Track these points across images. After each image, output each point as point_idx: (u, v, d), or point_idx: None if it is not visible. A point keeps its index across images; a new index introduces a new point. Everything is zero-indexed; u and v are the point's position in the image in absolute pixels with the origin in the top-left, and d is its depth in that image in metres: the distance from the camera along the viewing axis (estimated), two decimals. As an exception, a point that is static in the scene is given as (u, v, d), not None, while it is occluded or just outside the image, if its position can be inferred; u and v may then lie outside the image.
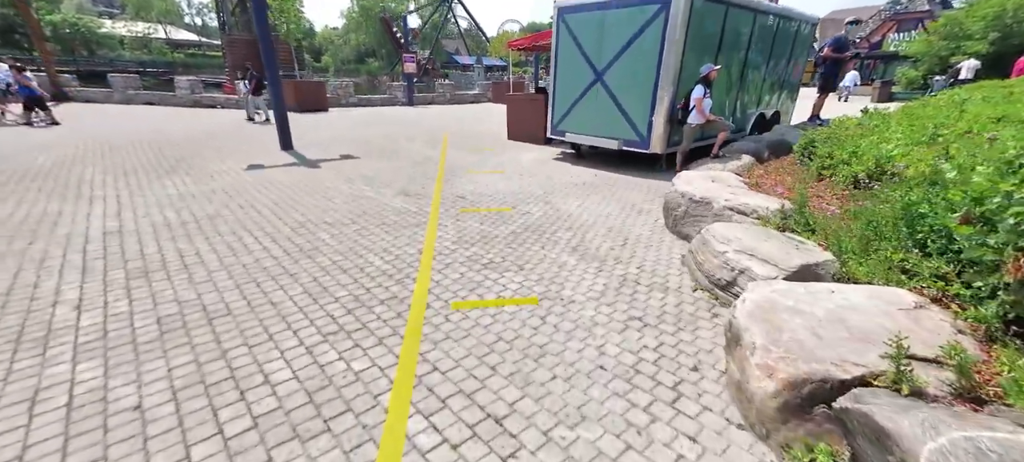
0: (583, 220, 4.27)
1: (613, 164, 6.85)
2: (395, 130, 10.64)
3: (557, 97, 7.00)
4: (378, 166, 6.63)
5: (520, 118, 9.19)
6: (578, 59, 6.40)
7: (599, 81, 6.22)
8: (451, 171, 6.37)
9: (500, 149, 8.30)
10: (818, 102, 7.35)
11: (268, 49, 7.07)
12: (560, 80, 6.84)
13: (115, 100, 15.48)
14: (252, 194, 4.96)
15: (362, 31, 64.25)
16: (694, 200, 3.55)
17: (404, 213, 4.43)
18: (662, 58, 5.44)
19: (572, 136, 6.88)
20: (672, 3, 5.15)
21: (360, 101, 18.30)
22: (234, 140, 8.67)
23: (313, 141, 8.76)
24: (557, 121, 7.12)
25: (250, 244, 3.51)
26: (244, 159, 6.86)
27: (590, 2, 5.97)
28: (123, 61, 42.38)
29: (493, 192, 5.26)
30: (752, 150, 5.86)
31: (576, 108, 6.70)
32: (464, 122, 12.58)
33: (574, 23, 6.30)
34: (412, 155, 7.54)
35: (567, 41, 6.49)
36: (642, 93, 5.76)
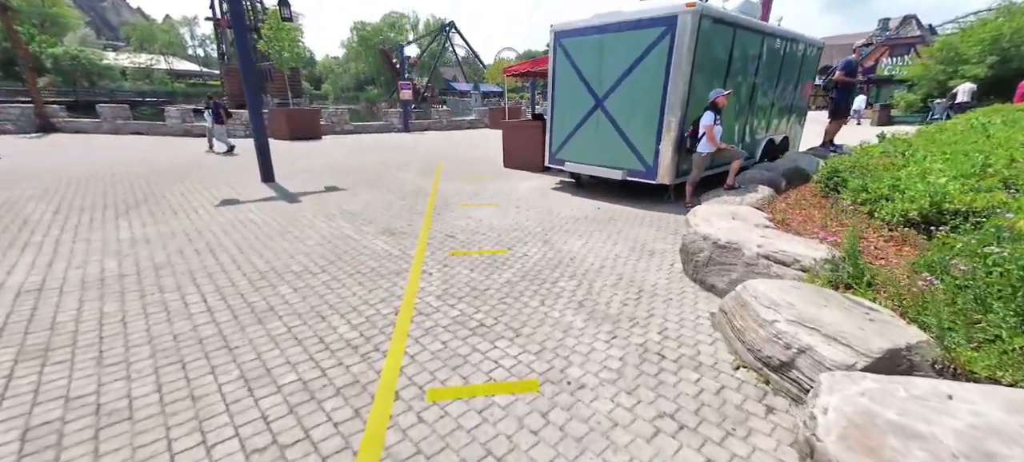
0: (588, 264, 3.72)
1: (616, 195, 6.38)
2: (388, 158, 10.23)
3: (555, 124, 6.59)
4: (364, 199, 6.13)
5: (517, 145, 8.79)
6: (577, 85, 6.02)
7: (599, 107, 5.82)
8: (442, 204, 5.87)
9: (496, 178, 7.85)
10: (832, 128, 6.98)
11: (249, 76, 6.69)
12: (558, 107, 6.44)
13: (104, 130, 15.15)
14: (216, 236, 4.41)
15: (361, 60, 65.50)
16: (720, 245, 3.02)
17: (385, 257, 3.88)
18: (668, 83, 5.03)
19: (572, 165, 6.42)
20: (678, 24, 4.78)
21: (356, 128, 18.07)
22: (214, 172, 8.20)
23: (299, 171, 8.30)
24: (556, 149, 6.69)
25: (193, 304, 2.94)
26: (219, 193, 6.36)
27: (588, 25, 5.63)
28: (123, 91, 42.67)
29: (487, 229, 4.74)
30: (768, 180, 5.39)
31: (576, 136, 6.27)
32: (460, 149, 12.22)
33: (572, 47, 5.95)
34: (402, 186, 7.06)
35: (565, 66, 6.13)
36: (647, 120, 5.34)
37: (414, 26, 68.16)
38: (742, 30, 5.51)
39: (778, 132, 7.36)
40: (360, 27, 64.54)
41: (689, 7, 4.67)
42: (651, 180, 5.52)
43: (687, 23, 4.74)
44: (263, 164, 7.16)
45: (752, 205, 4.44)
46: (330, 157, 10.35)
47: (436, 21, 63.06)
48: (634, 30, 5.16)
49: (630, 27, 5.19)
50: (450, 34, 52.28)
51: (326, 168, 8.75)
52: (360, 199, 6.16)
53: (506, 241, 4.35)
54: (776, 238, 3.00)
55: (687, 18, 4.73)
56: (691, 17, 4.71)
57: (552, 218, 5.17)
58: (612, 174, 5.85)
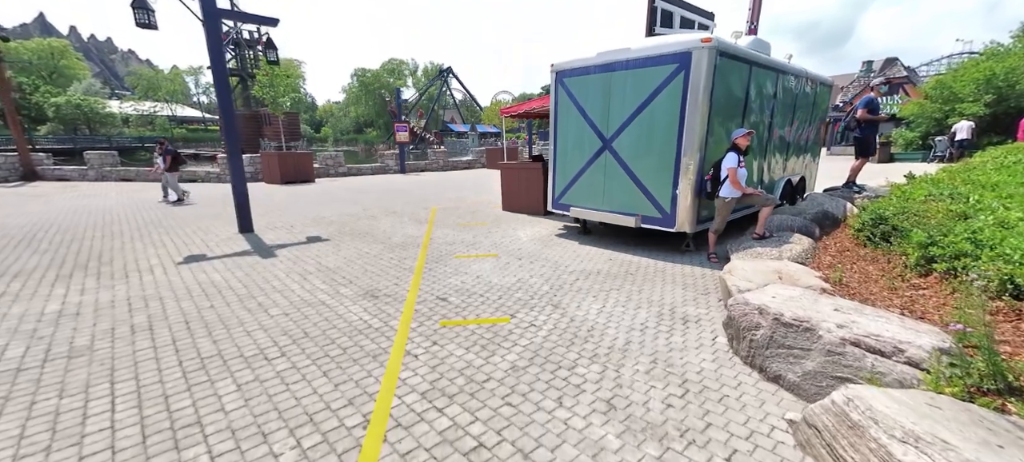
0: (611, 339, 3.04)
1: (628, 243, 5.77)
2: (380, 202, 9.70)
3: (558, 167, 6.09)
4: (348, 252, 5.49)
5: (516, 188, 8.30)
6: (581, 125, 5.58)
7: (607, 149, 5.34)
8: (435, 256, 5.24)
9: (494, 224, 7.27)
10: (857, 166, 6.55)
11: (228, 120, 6.24)
12: (561, 148, 5.98)
13: (90, 177, 14.70)
14: (164, 305, 3.72)
15: (361, 104, 67.28)
16: (784, 323, 2.37)
17: (362, 332, 3.19)
18: (684, 123, 4.57)
19: (578, 211, 5.86)
20: (693, 61, 4.38)
21: (350, 170, 17.75)
22: (189, 221, 7.60)
23: (282, 220, 7.71)
24: (559, 194, 6.15)
25: (95, 415, 2.22)
26: (187, 247, 5.71)
27: (593, 63, 5.26)
28: (122, 138, 43.08)
29: (485, 289, 4.07)
30: (800, 227, 4.82)
31: (581, 179, 5.76)
32: (456, 191, 11.76)
33: (575, 86, 5.56)
34: (392, 235, 6.45)
35: (567, 106, 5.72)
36: (662, 162, 4.83)
37: (413, 72, 70.68)
38: (757, 67, 5.14)
39: (795, 172, 6.91)
40: (361, 74, 66.78)
41: (705, 43, 4.29)
42: (669, 228, 4.94)
43: (703, 60, 4.34)
44: (241, 214, 6.57)
45: (794, 259, 3.82)
46: (319, 202, 9.81)
47: (434, 67, 65.42)
48: (644, 67, 4.76)
49: (640, 65, 4.80)
50: (448, 79, 53.95)
51: (312, 215, 8.17)
52: (343, 252, 5.52)
53: (508, 305, 3.68)
54: (857, 314, 2.35)
55: (703, 54, 4.33)
56: (707, 53, 4.32)
57: (560, 274, 4.53)
58: (624, 221, 5.28)
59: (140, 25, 5.28)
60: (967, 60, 17.25)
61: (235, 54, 33.14)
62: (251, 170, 15.20)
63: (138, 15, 5.19)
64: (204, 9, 5.68)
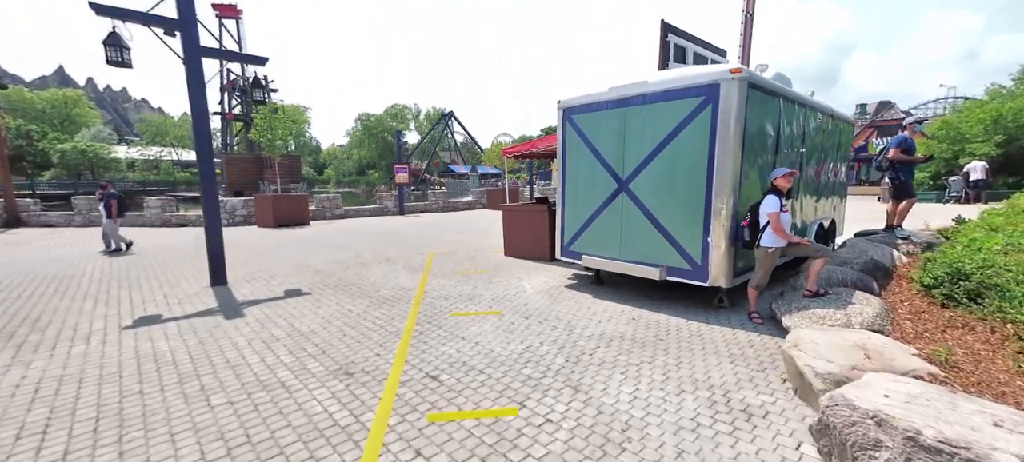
0: (654, 446, 2.26)
1: (649, 294, 5.05)
2: (374, 247, 9.05)
3: (567, 211, 5.49)
4: (328, 309, 4.76)
5: (519, 232, 7.67)
6: (593, 165, 5.02)
7: (623, 191, 4.75)
8: (428, 314, 4.50)
9: (496, 272, 6.57)
10: (902, 209, 5.94)
11: (205, 163, 5.71)
12: (570, 191, 5.40)
13: (76, 223, 14.18)
14: (80, 390, 2.96)
15: (364, 147, 68.62)
16: (927, 448, 1.61)
17: (324, 433, 2.41)
18: (714, 161, 4.00)
19: (593, 260, 5.17)
20: (722, 94, 3.88)
21: (348, 212, 17.28)
22: (159, 273, 6.91)
23: (263, 269, 7.02)
24: (569, 240, 5.51)
25: None
26: (143, 305, 4.99)
27: (605, 98, 4.79)
28: (124, 182, 43.34)
29: (486, 363, 3.31)
30: (855, 281, 4.12)
31: (594, 224, 5.13)
32: (456, 234, 11.15)
33: (585, 124, 5.07)
34: (382, 286, 5.74)
35: (577, 145, 5.20)
36: (689, 206, 4.21)
37: (416, 116, 72.70)
38: (787, 102, 4.66)
39: (825, 215, 6.30)
40: (365, 118, 68.63)
41: (734, 74, 3.80)
42: (700, 282, 4.24)
43: (733, 92, 3.83)
44: (214, 265, 5.89)
45: (868, 326, 3.09)
46: (309, 247, 9.17)
47: (437, 111, 67.30)
48: (665, 102, 4.26)
49: (660, 98, 4.30)
50: (450, 122, 55.21)
51: (298, 262, 7.49)
52: (322, 309, 4.79)
53: (516, 387, 2.91)
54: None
55: (733, 86, 3.83)
56: (737, 85, 3.82)
57: (576, 339, 3.77)
58: (647, 273, 4.58)
59: (112, 63, 4.90)
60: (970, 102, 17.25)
61: (241, 100, 33.94)
62: (244, 213, 14.72)
63: (110, 53, 4.82)
64: (186, 49, 5.31)
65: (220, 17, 33.65)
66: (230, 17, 33.89)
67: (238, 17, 34.10)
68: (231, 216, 14.62)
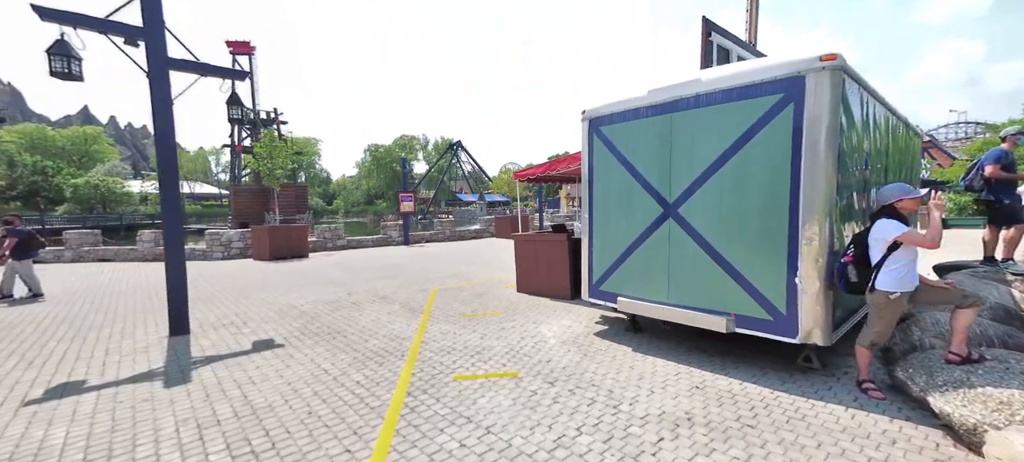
0: None
1: (704, 346, 3.96)
2: (371, 283, 8.10)
3: (596, 242, 4.50)
4: (298, 371, 3.76)
5: (534, 266, 6.67)
6: (629, 186, 4.08)
7: (671, 217, 3.76)
8: (425, 378, 3.47)
9: (508, 313, 5.54)
10: (1011, 238, 4.83)
11: (169, 194, 4.89)
12: (600, 218, 4.43)
13: (65, 258, 13.56)
14: None
15: (373, 177, 69.15)
16: None
17: None
18: (798, 176, 3.02)
19: (631, 303, 4.13)
20: (808, 89, 2.95)
21: (350, 243, 16.48)
22: (120, 317, 6.00)
23: (238, 312, 6.07)
24: (599, 278, 4.48)
25: None
26: (72, 365, 4.03)
27: (643, 103, 3.89)
28: (135, 215, 43.60)
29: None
30: (1001, 337, 3.01)
31: (632, 259, 4.12)
32: (462, 266, 10.17)
33: (618, 136, 4.16)
34: (372, 334, 4.73)
35: (607, 162, 4.27)
36: (764, 236, 3.20)
37: (424, 146, 73.52)
38: (875, 101, 3.71)
39: (907, 241, 5.19)
40: (374, 149, 69.53)
41: (827, 61, 2.88)
42: (787, 337, 3.16)
43: (825, 86, 2.90)
44: (174, 311, 4.96)
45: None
46: (299, 284, 8.24)
47: (445, 141, 67.96)
48: (727, 103, 3.34)
49: (719, 99, 3.38)
50: (457, 152, 55.42)
51: (281, 303, 6.53)
52: (292, 370, 3.78)
53: (550, 528, 1.84)
54: None
55: (823, 80, 2.90)
56: (829, 78, 2.89)
57: (626, 423, 2.70)
58: (707, 322, 3.52)
59: (57, 75, 4.19)
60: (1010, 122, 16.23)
61: (250, 133, 34.26)
62: (241, 245, 13.99)
63: (55, 63, 4.12)
64: (150, 61, 4.60)
65: (234, 54, 34.51)
66: (243, 53, 34.75)
67: (251, 53, 34.95)
68: (227, 249, 13.89)
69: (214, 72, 5.06)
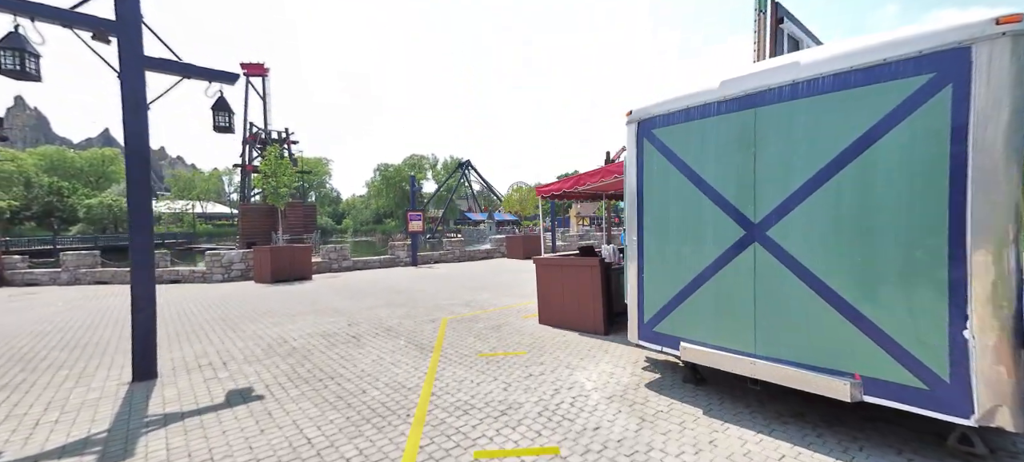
0: None
1: (799, 410, 3.02)
2: (375, 311, 7.27)
3: (648, 271, 3.63)
4: (271, 439, 2.91)
5: (560, 293, 5.80)
6: (693, 201, 3.24)
7: (757, 241, 2.90)
8: (439, 453, 2.59)
9: (534, 352, 4.65)
10: None
11: (140, 213, 4.18)
12: (654, 241, 3.58)
13: (61, 280, 13.03)
14: None
15: (382, 196, 69.30)
16: None
17: None
18: (965, 183, 2.16)
19: (701, 353, 3.22)
20: (976, 60, 2.12)
21: (356, 264, 15.77)
22: (89, 350, 5.24)
23: (221, 348, 5.27)
24: (654, 316, 3.59)
25: None
26: (10, 420, 3.24)
27: (714, 98, 3.09)
28: (147, 233, 43.83)
29: None
30: None
31: (700, 295, 3.23)
32: (475, 291, 9.31)
33: (678, 140, 3.35)
34: (371, 383, 3.87)
35: (663, 173, 3.45)
36: (908, 267, 2.32)
37: (433, 166, 73.74)
38: None
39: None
40: (383, 169, 69.87)
41: (1008, 23, 2.05)
42: (958, 417, 2.22)
43: (1004, 60, 2.07)
44: (139, 350, 4.17)
45: None
46: (296, 311, 7.45)
47: (453, 160, 68.06)
48: (841, 92, 2.52)
49: (827, 87, 2.57)
50: (467, 171, 55.25)
51: (272, 337, 5.72)
52: (268, 436, 2.94)
53: None
54: None
55: (1003, 51, 2.07)
56: (1012, 48, 2.06)
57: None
58: (822, 387, 2.59)
59: (8, 73, 3.57)
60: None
61: (260, 152, 34.33)
62: (242, 267, 13.35)
63: (7, 59, 3.49)
64: (123, 59, 3.97)
65: (248, 75, 34.99)
66: (257, 75, 35.22)
67: (265, 75, 35.42)
68: (227, 271, 13.26)
69: (199, 74, 4.41)
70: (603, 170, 5.54)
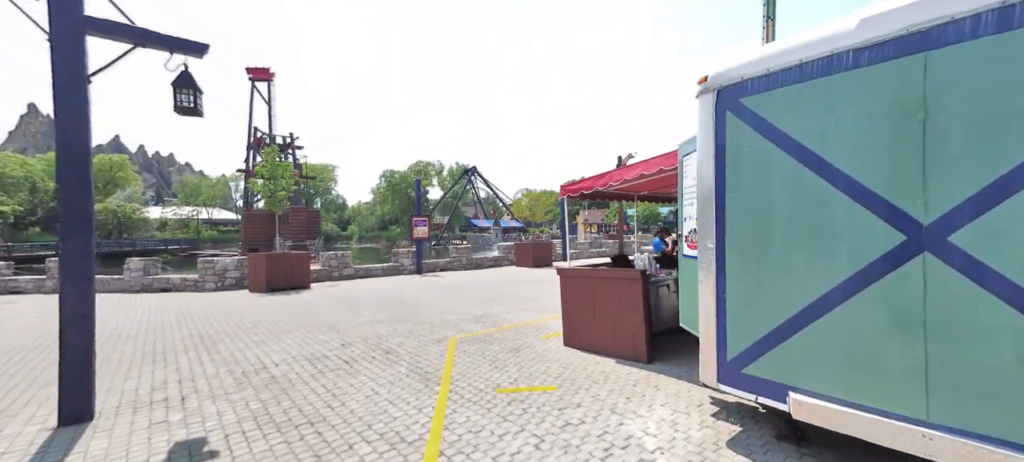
0: None
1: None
2: (374, 327, 6.36)
3: (733, 289, 2.68)
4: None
5: (590, 311, 4.85)
6: (811, 194, 2.30)
7: (927, 251, 1.95)
8: None
9: (567, 387, 3.70)
10: None
11: (75, 213, 3.32)
12: (743, 247, 2.63)
13: (47, 288, 12.30)
14: None
15: (388, 203, 68.86)
16: None
17: None
18: None
19: (822, 409, 2.25)
20: None
21: (358, 271, 14.91)
22: (27, 383, 4.37)
23: (185, 376, 4.37)
24: (743, 354, 2.63)
25: None
26: None
27: (847, 46, 2.16)
28: (150, 240, 43.49)
29: None
30: None
31: (820, 329, 2.27)
32: (485, 304, 8.36)
33: (783, 110, 2.41)
34: (361, 434, 2.95)
35: (759, 156, 2.52)
36: None
37: (439, 172, 73.28)
38: None
39: None
40: (389, 175, 69.50)
41: None
42: None
43: None
44: (68, 382, 3.28)
45: None
46: (285, 327, 6.55)
47: (459, 166, 67.52)
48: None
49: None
50: (473, 177, 54.56)
51: (249, 360, 4.82)
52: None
53: None
54: None
55: None
56: None
57: None
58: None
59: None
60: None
61: (266, 157, 33.94)
62: (237, 275, 12.55)
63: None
64: (56, 21, 3.14)
65: (253, 80, 34.67)
66: (263, 80, 34.89)
67: (270, 80, 35.08)
68: (221, 279, 12.45)
69: (156, 42, 3.58)
70: (644, 163, 4.59)
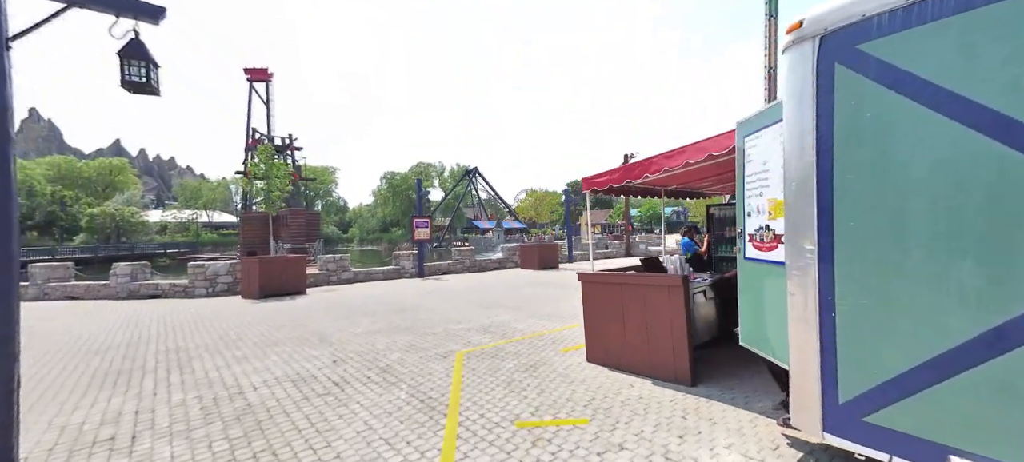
0: None
1: None
2: (372, 339, 5.68)
3: (848, 313, 1.97)
4: None
5: (619, 322, 4.16)
6: (978, 168, 1.59)
7: None
8: None
9: (602, 421, 3.00)
10: None
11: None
12: (862, 254, 1.93)
13: (29, 296, 11.68)
14: None
15: (389, 205, 68.27)
16: None
17: None
18: None
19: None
20: None
21: (358, 275, 14.27)
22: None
23: (142, 405, 3.70)
24: (863, 397, 1.93)
25: None
26: None
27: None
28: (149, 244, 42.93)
29: None
30: None
31: (998, 369, 1.56)
32: (492, 310, 7.67)
33: (925, 55, 1.72)
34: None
35: (889, 118, 1.82)
36: None
37: (440, 173, 72.68)
38: None
39: None
40: (390, 177, 68.91)
41: None
42: None
43: None
44: None
45: None
46: (273, 340, 5.88)
47: (460, 167, 66.90)
48: None
49: None
50: (474, 178, 53.88)
51: (226, 383, 4.14)
52: None
53: None
54: None
55: None
56: None
57: None
58: None
59: None
60: None
61: (264, 159, 33.40)
62: (229, 280, 11.91)
63: None
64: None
65: (251, 81, 34.14)
66: (261, 80, 34.36)
67: (268, 80, 34.55)
68: (212, 284, 11.81)
69: (94, 1, 2.89)
70: (682, 151, 3.88)
